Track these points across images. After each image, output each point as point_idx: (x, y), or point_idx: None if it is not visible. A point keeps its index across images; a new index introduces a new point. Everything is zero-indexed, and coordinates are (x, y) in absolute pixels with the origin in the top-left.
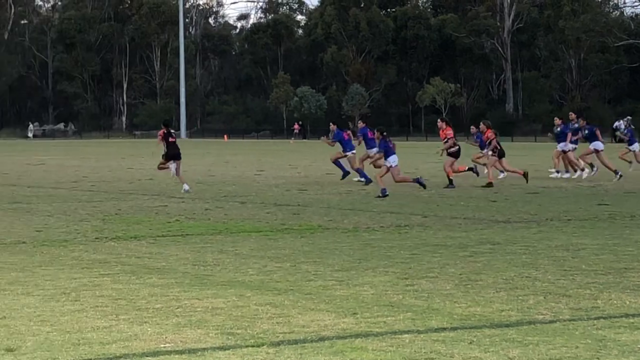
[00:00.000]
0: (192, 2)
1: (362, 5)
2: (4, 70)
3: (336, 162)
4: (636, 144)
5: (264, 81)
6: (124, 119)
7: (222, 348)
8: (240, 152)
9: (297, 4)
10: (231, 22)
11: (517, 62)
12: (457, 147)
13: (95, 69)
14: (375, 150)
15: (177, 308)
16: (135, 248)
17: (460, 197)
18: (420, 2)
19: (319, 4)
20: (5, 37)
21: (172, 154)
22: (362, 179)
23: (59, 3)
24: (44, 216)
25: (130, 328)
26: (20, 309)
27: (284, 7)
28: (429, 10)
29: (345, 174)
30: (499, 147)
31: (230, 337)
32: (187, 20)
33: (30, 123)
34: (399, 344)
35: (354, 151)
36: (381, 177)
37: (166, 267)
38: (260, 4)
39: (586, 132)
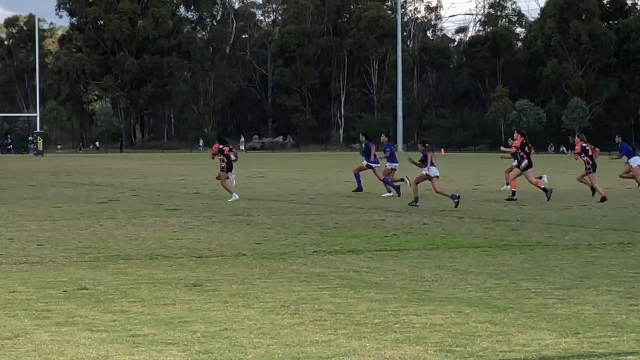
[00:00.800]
0: (410, 15)
1: (583, 18)
2: (226, 84)
3: (357, 175)
4: None
5: (482, 94)
6: (341, 132)
7: None
8: (458, 166)
9: (516, 16)
10: (449, 35)
11: None
12: (526, 161)
13: (314, 82)
14: (396, 165)
15: (396, 324)
16: (353, 262)
17: None
18: None
19: (539, 17)
20: (227, 51)
21: (232, 165)
22: (391, 193)
23: (280, 18)
24: (263, 229)
25: (349, 343)
26: (241, 321)
27: (504, 20)
28: None
29: (360, 189)
30: (591, 162)
31: (449, 355)
32: (405, 33)
33: (242, 136)
34: None
35: (379, 165)
36: (417, 183)
37: (384, 282)
38: (479, 17)
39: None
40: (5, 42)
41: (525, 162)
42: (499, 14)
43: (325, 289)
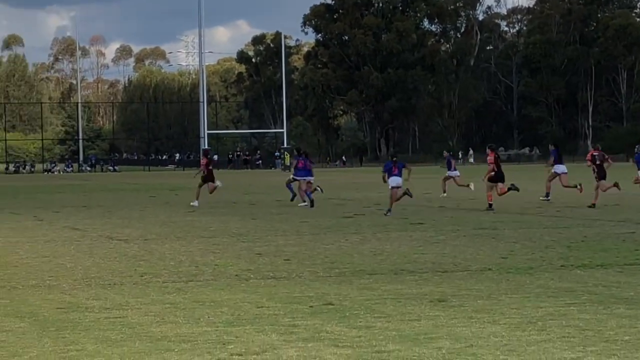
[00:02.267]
0: None
1: None
2: (470, 95)
3: (288, 185)
4: None
5: None
6: (589, 142)
7: None
8: None
9: None
10: None
11: None
12: (494, 173)
13: (559, 92)
14: (311, 177)
15: None
16: (601, 277)
17: None
18: None
19: None
20: (471, 63)
21: (209, 178)
22: (306, 202)
23: (524, 28)
24: (509, 242)
25: None
26: (487, 337)
27: None
28: None
29: (294, 196)
30: (595, 170)
31: None
32: None
33: (470, 149)
34: None
35: (304, 178)
36: (394, 199)
37: (634, 297)
38: None
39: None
40: (253, 60)
41: (492, 173)
42: None
43: (572, 304)
